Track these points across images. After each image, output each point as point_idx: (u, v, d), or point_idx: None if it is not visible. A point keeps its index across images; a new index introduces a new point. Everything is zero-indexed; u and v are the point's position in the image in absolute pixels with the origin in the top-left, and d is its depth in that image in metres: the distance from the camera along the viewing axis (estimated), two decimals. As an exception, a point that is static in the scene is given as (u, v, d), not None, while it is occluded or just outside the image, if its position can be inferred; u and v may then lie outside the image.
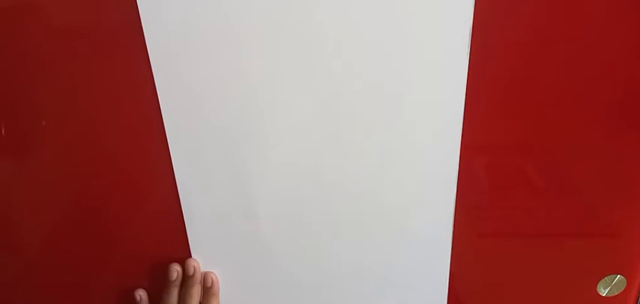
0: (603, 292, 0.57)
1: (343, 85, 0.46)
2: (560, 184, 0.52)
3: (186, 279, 0.54)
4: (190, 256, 0.54)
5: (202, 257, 0.54)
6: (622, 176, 0.51)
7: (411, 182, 0.51)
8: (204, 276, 0.55)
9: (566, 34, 0.44)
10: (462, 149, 0.49)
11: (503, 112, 0.48)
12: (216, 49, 0.44)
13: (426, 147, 0.49)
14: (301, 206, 0.52)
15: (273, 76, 0.45)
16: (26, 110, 0.47)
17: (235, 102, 0.46)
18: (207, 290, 0.55)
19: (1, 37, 0.44)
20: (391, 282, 0.57)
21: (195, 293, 0.54)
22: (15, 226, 0.53)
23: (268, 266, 0.56)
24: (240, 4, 0.42)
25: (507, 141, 0.49)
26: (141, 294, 0.55)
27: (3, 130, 0.48)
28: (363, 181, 0.50)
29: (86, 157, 0.49)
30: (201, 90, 0.46)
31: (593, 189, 0.52)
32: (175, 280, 0.54)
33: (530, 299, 0.59)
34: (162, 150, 0.48)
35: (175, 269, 0.54)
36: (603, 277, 0.56)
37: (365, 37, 0.44)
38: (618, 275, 0.56)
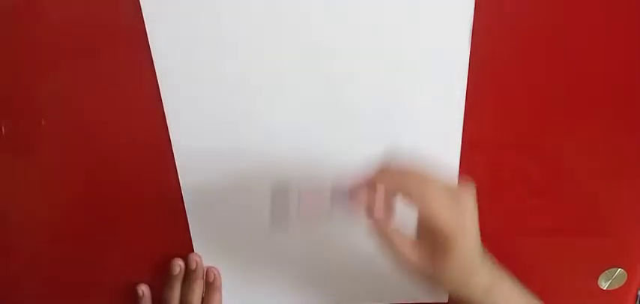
0: (604, 285, 0.57)
1: (345, 83, 0.46)
2: (561, 180, 0.52)
3: (188, 274, 0.55)
4: (193, 251, 0.55)
5: (204, 253, 0.55)
6: (622, 171, 0.51)
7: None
8: (207, 271, 0.55)
9: (567, 31, 0.44)
10: (462, 147, 0.49)
11: (504, 110, 0.48)
12: (219, 49, 0.44)
13: (427, 144, 0.49)
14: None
15: (275, 74, 0.45)
16: (30, 109, 0.47)
17: (238, 99, 0.47)
18: (210, 285, 0.56)
19: (4, 37, 0.43)
20: (392, 279, 0.57)
21: (198, 287, 0.55)
22: (19, 222, 0.53)
23: (270, 261, 0.56)
24: (242, 5, 0.42)
25: (508, 139, 0.49)
26: (143, 289, 0.56)
27: (3, 129, 0.48)
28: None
29: (90, 155, 0.49)
30: (203, 88, 0.46)
31: (594, 185, 0.52)
32: (178, 275, 0.54)
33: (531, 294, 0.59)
34: (164, 147, 0.49)
35: (178, 264, 0.54)
36: (604, 271, 0.57)
37: (366, 36, 0.44)
38: (619, 269, 0.56)
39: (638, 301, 0.60)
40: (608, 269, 0.56)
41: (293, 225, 0.45)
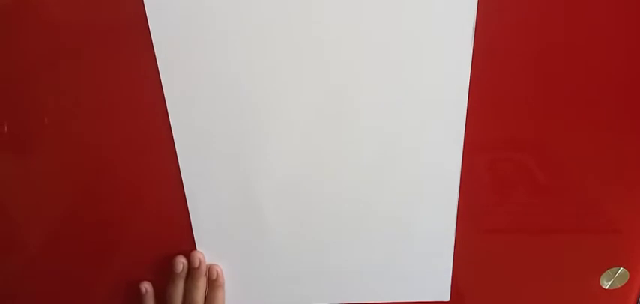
0: (606, 285, 0.57)
1: (347, 83, 0.46)
2: (563, 179, 0.52)
3: (191, 271, 0.55)
4: (195, 249, 0.55)
5: (207, 250, 0.55)
6: (624, 170, 0.51)
7: (414, 178, 0.51)
8: (210, 268, 0.56)
9: (569, 31, 0.44)
10: (465, 145, 0.49)
11: (506, 109, 0.47)
12: (222, 47, 0.44)
13: (429, 143, 0.49)
14: (305, 200, 0.53)
15: (277, 73, 0.45)
16: (33, 108, 0.47)
17: (240, 98, 0.47)
18: (213, 282, 0.56)
19: (6, 35, 0.44)
20: (394, 278, 0.58)
21: (201, 285, 0.55)
22: (21, 219, 0.54)
23: (272, 259, 0.56)
24: (246, 3, 0.42)
25: (510, 138, 0.49)
26: (146, 287, 0.56)
27: (6, 127, 0.48)
28: (367, 177, 0.51)
29: (93, 153, 0.50)
30: (206, 86, 0.46)
31: (596, 184, 0.52)
32: (181, 272, 0.55)
33: (533, 293, 0.59)
34: (167, 145, 0.49)
35: (181, 262, 0.54)
36: (606, 270, 0.57)
37: (367, 36, 0.44)
38: (620, 268, 0.56)
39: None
40: (609, 268, 0.56)
41: None
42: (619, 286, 0.57)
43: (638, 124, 0.48)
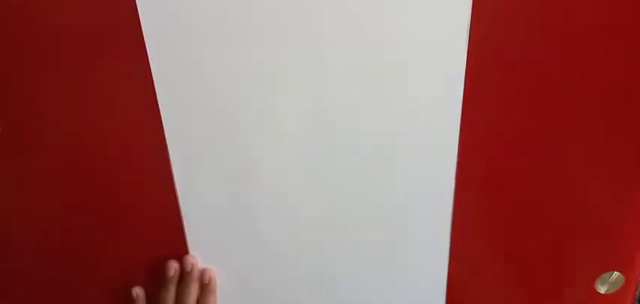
0: (601, 289, 0.57)
1: (342, 84, 0.46)
2: (558, 183, 0.52)
3: (183, 276, 0.54)
4: (188, 253, 0.54)
5: (200, 254, 0.55)
6: (620, 174, 0.51)
7: (409, 181, 0.51)
8: (202, 273, 0.55)
9: (565, 32, 0.44)
10: (459, 148, 0.49)
11: (501, 111, 0.48)
12: (215, 48, 0.44)
13: (424, 147, 0.49)
14: (299, 203, 0.52)
15: (271, 74, 0.45)
16: (24, 109, 0.47)
17: (233, 100, 0.47)
18: (205, 287, 0.55)
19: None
20: (389, 281, 0.58)
21: (193, 289, 0.54)
22: (13, 222, 0.53)
23: (266, 263, 0.56)
24: (239, 3, 0.42)
25: (504, 140, 0.49)
26: (138, 291, 0.56)
27: (-1, 128, 0.48)
28: (361, 180, 0.51)
29: (84, 155, 0.49)
30: (199, 88, 0.46)
31: (591, 188, 0.52)
32: (173, 277, 0.54)
33: (528, 298, 0.59)
34: (160, 147, 0.48)
35: (173, 266, 0.54)
36: (601, 274, 0.57)
37: (363, 36, 0.44)
38: (616, 273, 0.56)
39: (634, 305, 0.60)
40: (604, 272, 0.56)
41: None
42: (614, 291, 0.57)
43: (632, 128, 0.49)
